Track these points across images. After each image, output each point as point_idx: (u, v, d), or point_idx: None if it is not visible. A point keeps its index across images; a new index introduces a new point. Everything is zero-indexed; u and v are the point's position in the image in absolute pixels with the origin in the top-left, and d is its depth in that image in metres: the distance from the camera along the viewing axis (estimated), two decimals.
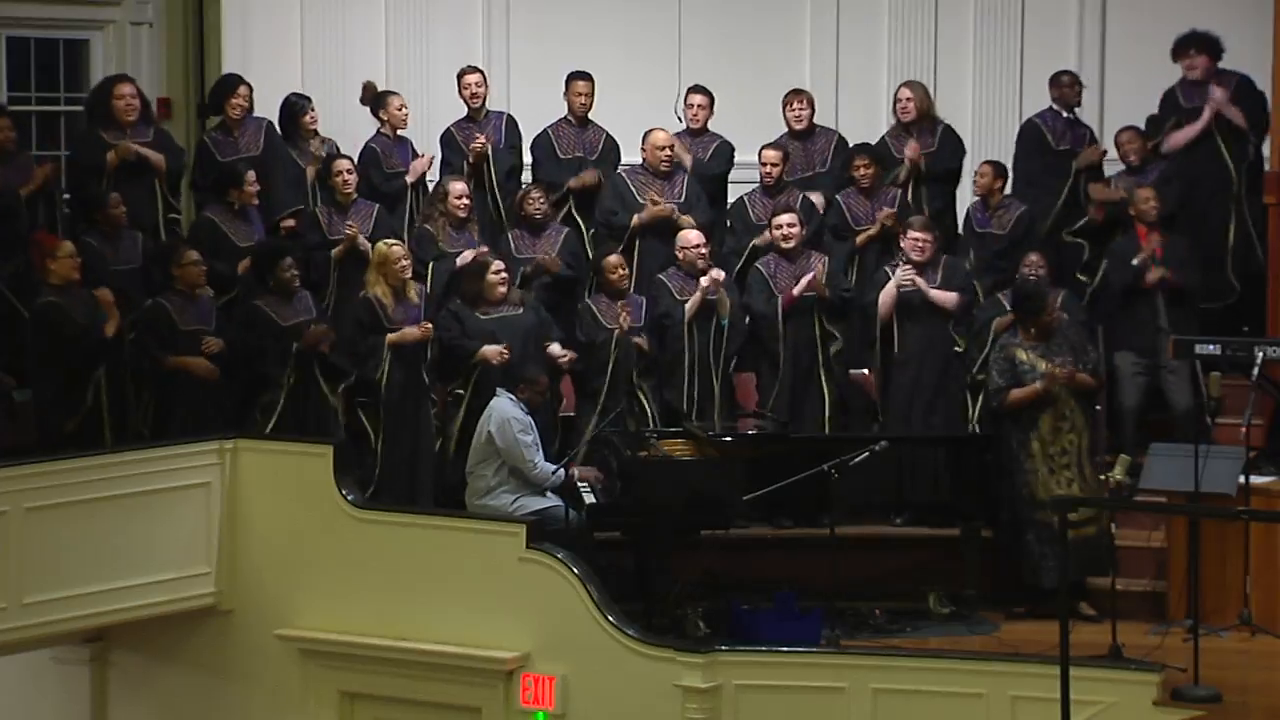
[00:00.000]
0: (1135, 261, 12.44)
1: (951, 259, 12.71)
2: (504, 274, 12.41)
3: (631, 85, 13.87)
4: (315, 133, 13.44)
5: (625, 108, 13.70)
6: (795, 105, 13.54)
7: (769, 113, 13.73)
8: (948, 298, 12.47)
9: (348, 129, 13.72)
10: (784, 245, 12.66)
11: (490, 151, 13.31)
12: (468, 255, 12.72)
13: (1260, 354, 11.32)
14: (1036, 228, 13.05)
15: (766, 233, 12.88)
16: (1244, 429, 11.38)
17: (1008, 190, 13.22)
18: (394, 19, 14.73)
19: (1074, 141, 13.45)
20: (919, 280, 12.44)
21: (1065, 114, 13.50)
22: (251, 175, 12.67)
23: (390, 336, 12.15)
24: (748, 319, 12.69)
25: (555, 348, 12.44)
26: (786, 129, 13.56)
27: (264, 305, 12.00)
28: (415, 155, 13.50)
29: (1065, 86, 13.51)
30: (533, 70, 13.83)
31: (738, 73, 13.78)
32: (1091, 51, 14.40)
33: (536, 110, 13.70)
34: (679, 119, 13.65)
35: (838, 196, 13.24)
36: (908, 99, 13.53)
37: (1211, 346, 11.47)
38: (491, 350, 12.14)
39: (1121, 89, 14.21)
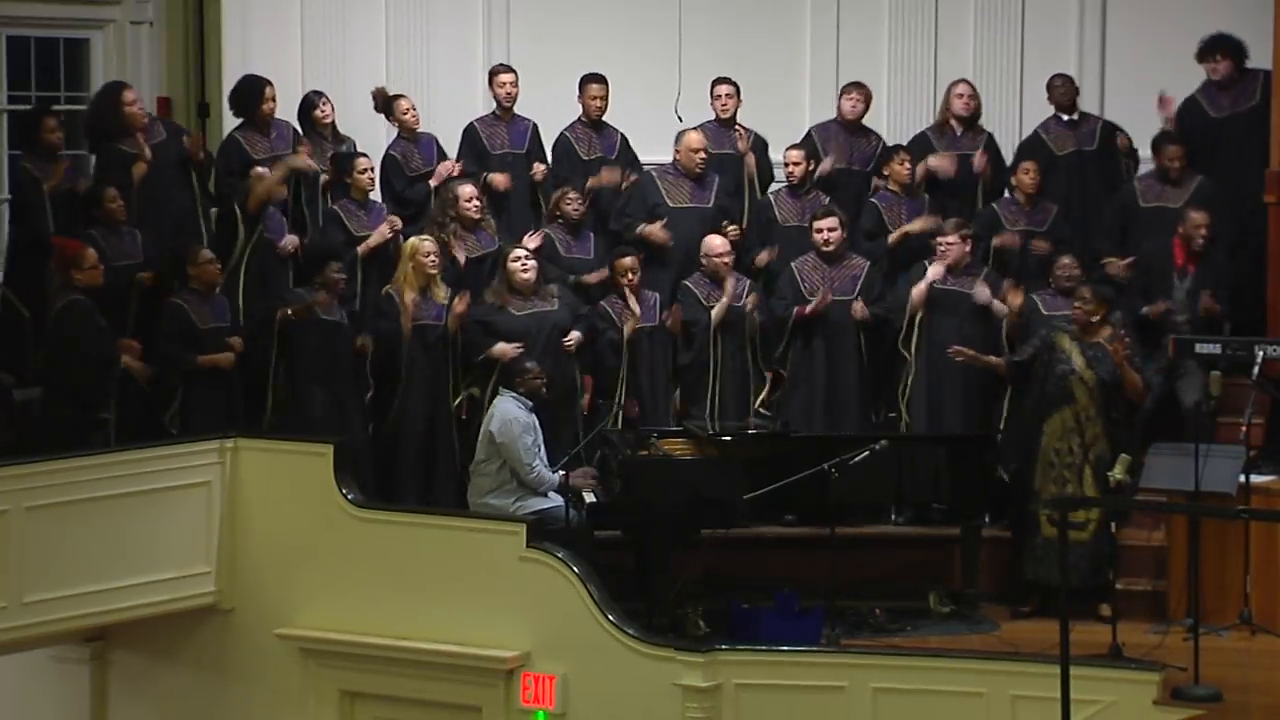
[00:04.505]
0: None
1: (992, 273, 12.58)
2: (528, 261, 12.38)
3: (632, 85, 13.85)
4: (331, 125, 13.42)
5: (625, 108, 13.70)
6: (853, 95, 13.55)
7: (769, 112, 13.75)
8: (988, 296, 12.39)
9: (348, 129, 13.68)
10: (826, 249, 12.66)
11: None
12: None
13: (1260, 353, 11.33)
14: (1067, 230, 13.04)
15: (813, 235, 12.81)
16: (1244, 428, 11.38)
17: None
18: (394, 19, 14.71)
19: (1079, 142, 13.45)
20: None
21: (1064, 116, 13.52)
22: (258, 171, 12.57)
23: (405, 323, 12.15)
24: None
25: (572, 334, 12.44)
26: (838, 116, 13.59)
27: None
28: (442, 155, 13.45)
29: (1057, 89, 13.51)
30: (533, 70, 13.81)
31: (738, 73, 13.74)
32: (1091, 51, 14.39)
33: (537, 110, 13.68)
34: (679, 119, 13.66)
35: (873, 199, 13.23)
36: (969, 95, 13.53)
37: (1211, 346, 11.48)
38: (505, 349, 12.13)
39: (1121, 89, 14.21)
